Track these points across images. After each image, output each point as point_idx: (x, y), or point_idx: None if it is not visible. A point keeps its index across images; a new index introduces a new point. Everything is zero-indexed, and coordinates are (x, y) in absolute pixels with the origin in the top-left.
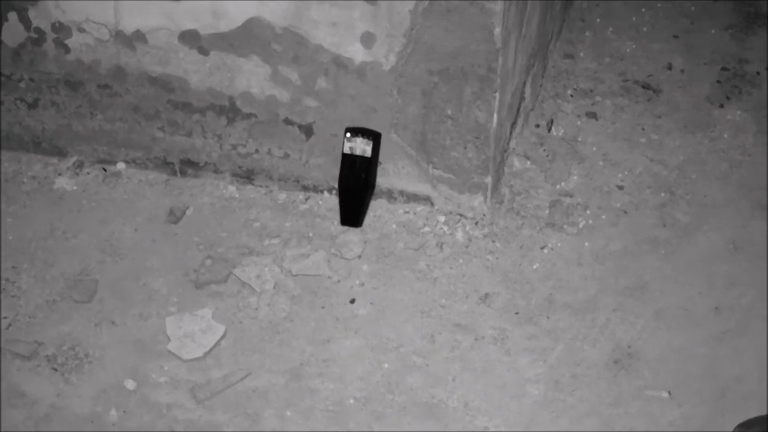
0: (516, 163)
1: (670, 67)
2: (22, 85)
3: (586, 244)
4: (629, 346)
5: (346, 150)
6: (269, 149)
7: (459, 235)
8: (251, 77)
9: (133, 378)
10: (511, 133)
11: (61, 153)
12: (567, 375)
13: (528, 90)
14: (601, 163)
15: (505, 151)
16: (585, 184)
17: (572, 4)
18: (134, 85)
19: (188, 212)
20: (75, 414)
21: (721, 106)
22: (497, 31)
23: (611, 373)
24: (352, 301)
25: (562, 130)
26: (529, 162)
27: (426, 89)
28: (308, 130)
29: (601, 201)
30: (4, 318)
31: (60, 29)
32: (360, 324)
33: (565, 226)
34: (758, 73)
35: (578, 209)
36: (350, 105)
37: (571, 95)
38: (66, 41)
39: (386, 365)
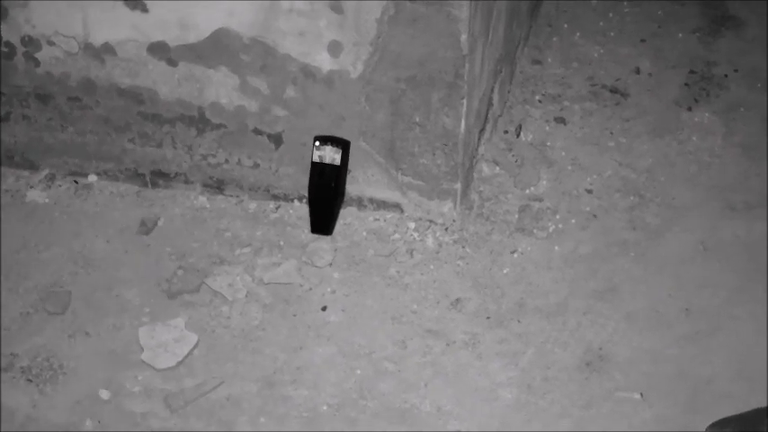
0: (485, 169)
1: (638, 71)
2: None
3: (556, 248)
4: (600, 349)
5: (315, 159)
6: (239, 159)
7: (430, 241)
8: (220, 88)
9: (107, 388)
10: (479, 139)
11: (33, 166)
12: (539, 378)
13: (496, 96)
14: (570, 167)
15: (474, 157)
16: (555, 189)
17: (539, 10)
18: (104, 98)
19: (159, 223)
20: (51, 424)
21: (689, 109)
22: (464, 37)
23: (583, 376)
24: (324, 309)
25: (531, 136)
26: (498, 168)
27: (394, 97)
28: (277, 140)
29: (570, 205)
30: None
31: (30, 42)
32: (332, 331)
33: (534, 230)
34: (726, 75)
35: (548, 213)
36: (319, 114)
37: (539, 101)
38: (36, 55)
39: (358, 372)
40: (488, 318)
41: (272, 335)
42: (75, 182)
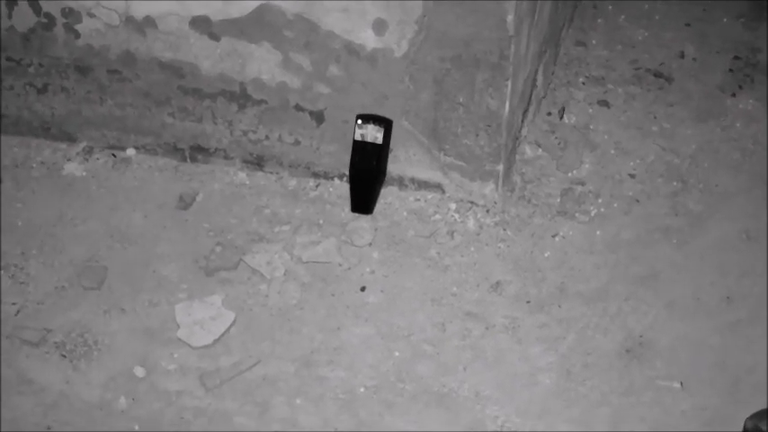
0: (528, 150)
1: (682, 56)
2: (32, 70)
3: (598, 232)
4: (641, 336)
5: (357, 137)
6: (279, 136)
7: (471, 223)
8: (262, 63)
9: (142, 365)
10: (522, 121)
11: (70, 138)
12: (579, 365)
13: (540, 77)
14: (613, 151)
15: (517, 139)
16: (597, 173)
17: None
18: (144, 71)
19: (198, 199)
20: (84, 401)
21: (733, 95)
22: (510, 17)
23: (623, 363)
24: (363, 289)
25: (574, 118)
26: (540, 150)
27: (438, 76)
28: (318, 117)
29: (613, 189)
30: (13, 304)
31: (70, 14)
32: (370, 312)
33: (576, 214)
34: None
35: (590, 197)
36: (361, 92)
37: (583, 83)
38: (76, 26)
39: (396, 354)
40: (529, 302)
41: (310, 314)
42: (114, 155)
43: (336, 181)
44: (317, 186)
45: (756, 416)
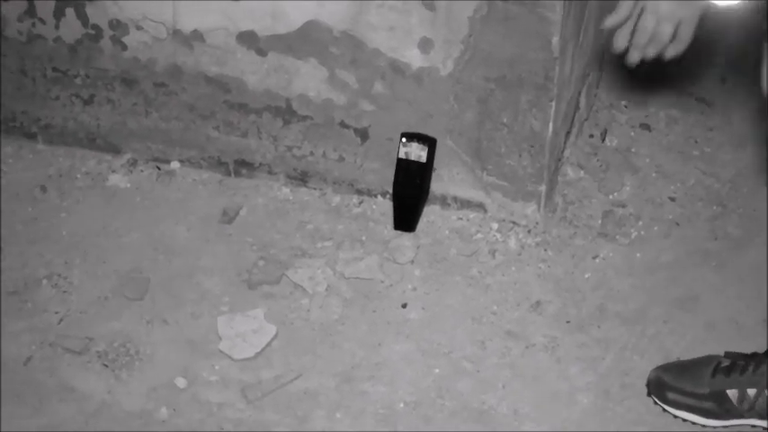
0: (570, 172)
1: (724, 81)
2: (78, 81)
3: (638, 255)
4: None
5: (401, 155)
6: (324, 152)
7: (512, 242)
8: (308, 80)
9: (184, 376)
10: (565, 142)
11: (115, 150)
12: (617, 385)
13: (583, 99)
14: (654, 174)
15: (559, 160)
16: (638, 195)
17: None
18: (190, 84)
19: (241, 213)
20: (125, 411)
21: None
22: (555, 39)
23: None
24: (404, 306)
25: (616, 141)
26: (582, 172)
27: (482, 96)
28: (363, 134)
29: (653, 212)
30: (56, 313)
31: (117, 26)
32: (411, 329)
33: (617, 236)
34: None
35: (631, 219)
36: (406, 110)
37: (625, 106)
38: (123, 39)
39: (436, 370)
40: (568, 322)
41: (352, 330)
42: (158, 168)
43: (379, 198)
44: (360, 203)
45: (661, 367)
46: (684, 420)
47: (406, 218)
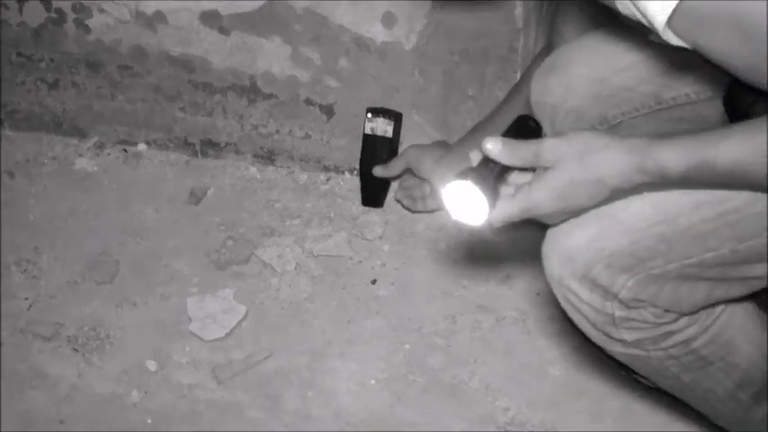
0: None
1: None
2: (43, 65)
3: None
4: None
5: (367, 131)
6: (290, 130)
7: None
8: (272, 58)
9: (154, 359)
10: None
11: (82, 134)
12: (589, 357)
13: None
14: None
15: None
16: None
17: None
18: (155, 66)
19: (209, 193)
20: (97, 395)
21: None
22: (518, 11)
23: None
24: (374, 282)
25: None
26: None
27: (447, 70)
28: (329, 111)
29: None
30: (25, 299)
31: (81, 9)
32: (381, 305)
33: None
34: None
35: None
36: (371, 85)
37: None
38: (87, 22)
39: (407, 346)
40: (538, 294)
41: (321, 307)
42: (125, 150)
43: (347, 175)
44: (327, 180)
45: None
46: None
47: (373, 194)
